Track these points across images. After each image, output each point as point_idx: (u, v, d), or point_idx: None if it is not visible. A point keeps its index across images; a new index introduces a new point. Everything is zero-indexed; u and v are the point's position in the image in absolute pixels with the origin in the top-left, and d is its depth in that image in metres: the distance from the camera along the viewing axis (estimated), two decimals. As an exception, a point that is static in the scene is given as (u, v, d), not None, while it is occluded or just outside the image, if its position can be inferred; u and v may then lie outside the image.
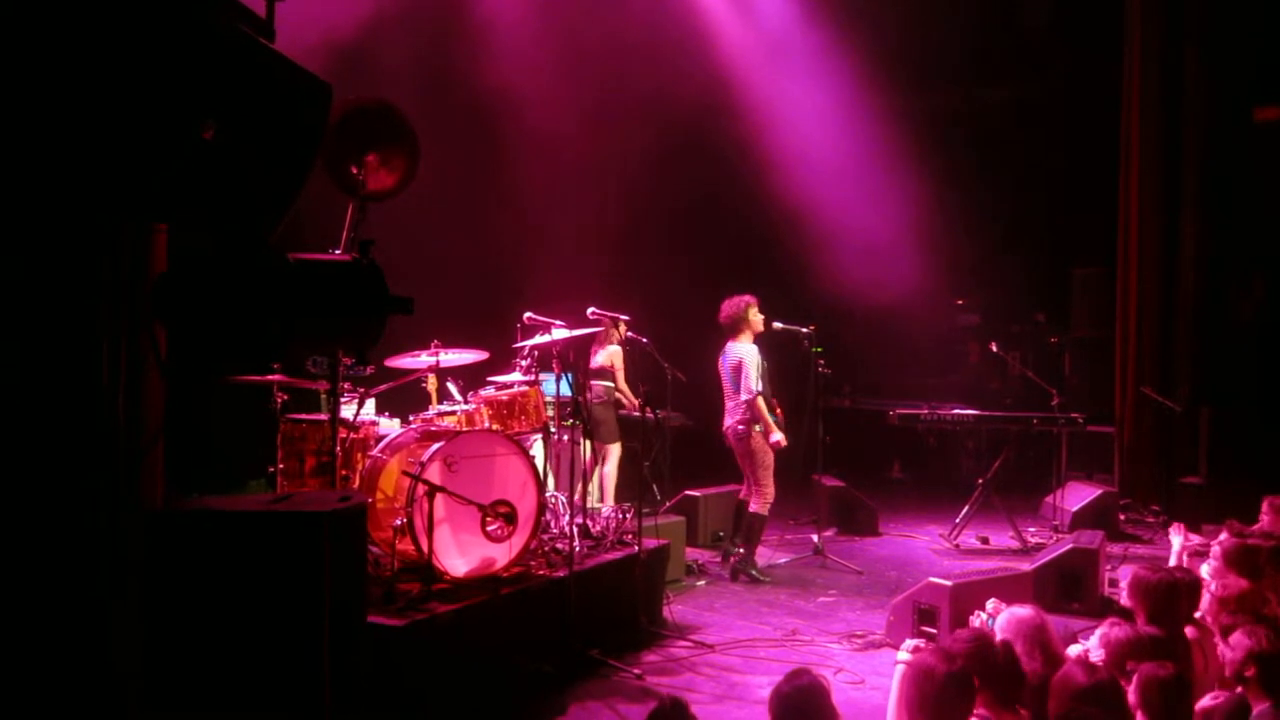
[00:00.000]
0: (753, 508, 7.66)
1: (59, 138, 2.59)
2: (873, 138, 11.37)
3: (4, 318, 2.81)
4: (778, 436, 7.56)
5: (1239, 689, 3.70)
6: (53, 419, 2.95)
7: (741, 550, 7.78)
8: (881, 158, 11.39)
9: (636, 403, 8.45)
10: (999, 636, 3.81)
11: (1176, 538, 6.13)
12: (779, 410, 7.69)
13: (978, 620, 4.50)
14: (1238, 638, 3.67)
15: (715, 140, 11.28)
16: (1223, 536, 5.28)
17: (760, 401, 7.49)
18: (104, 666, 3.03)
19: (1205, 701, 3.70)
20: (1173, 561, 5.89)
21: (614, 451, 8.70)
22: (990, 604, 4.56)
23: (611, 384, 8.77)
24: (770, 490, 7.65)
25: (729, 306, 7.73)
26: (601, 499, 8.52)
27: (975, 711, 3.44)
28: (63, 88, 2.55)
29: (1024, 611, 4.01)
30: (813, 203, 11.36)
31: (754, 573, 7.69)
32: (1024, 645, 3.79)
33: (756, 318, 7.71)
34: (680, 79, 10.56)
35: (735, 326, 7.70)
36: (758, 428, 7.56)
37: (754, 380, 7.48)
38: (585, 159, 10.25)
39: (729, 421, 7.73)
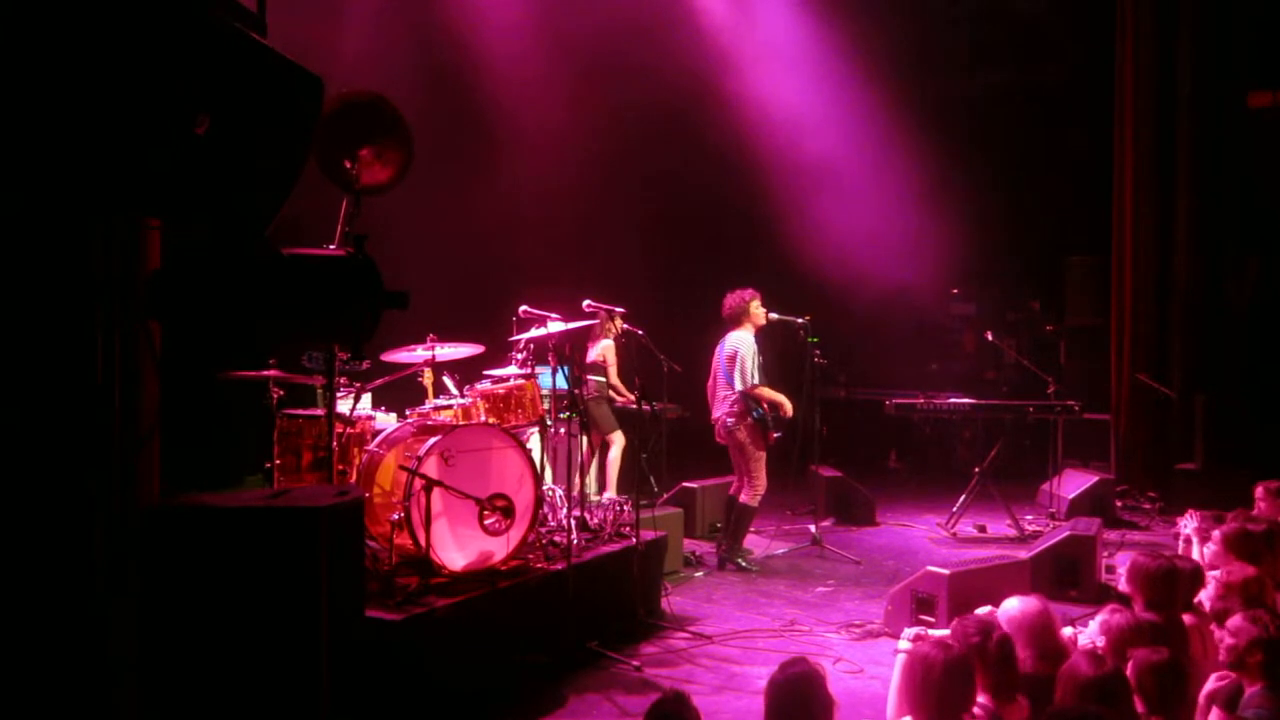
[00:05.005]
0: (743, 499, 7.68)
1: (51, 132, 2.57)
2: (868, 126, 11.35)
3: (-3, 314, 2.80)
4: (788, 406, 7.68)
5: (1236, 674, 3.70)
6: (48, 415, 2.94)
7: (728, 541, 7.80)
8: (876, 146, 11.37)
9: (631, 396, 8.44)
10: (1003, 627, 3.79)
11: (1189, 523, 5.90)
12: (765, 404, 7.72)
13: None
14: (1238, 623, 3.64)
15: (710, 129, 11.25)
16: (1207, 528, 5.27)
17: (763, 389, 7.55)
18: (100, 663, 3.03)
19: (1211, 684, 3.70)
20: (1195, 553, 5.57)
21: (618, 439, 8.68)
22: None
23: (604, 379, 8.76)
24: (762, 482, 7.66)
25: (731, 299, 7.78)
26: (605, 487, 8.53)
27: (975, 700, 3.45)
28: (55, 82, 2.54)
29: (1028, 603, 4.00)
30: (808, 192, 11.34)
31: (741, 562, 7.71)
32: (1027, 636, 3.78)
33: (758, 311, 7.75)
34: (673, 67, 10.52)
35: (736, 319, 7.74)
36: (753, 416, 7.56)
37: (750, 372, 7.50)
38: (579, 151, 10.23)
39: (718, 413, 7.73)
